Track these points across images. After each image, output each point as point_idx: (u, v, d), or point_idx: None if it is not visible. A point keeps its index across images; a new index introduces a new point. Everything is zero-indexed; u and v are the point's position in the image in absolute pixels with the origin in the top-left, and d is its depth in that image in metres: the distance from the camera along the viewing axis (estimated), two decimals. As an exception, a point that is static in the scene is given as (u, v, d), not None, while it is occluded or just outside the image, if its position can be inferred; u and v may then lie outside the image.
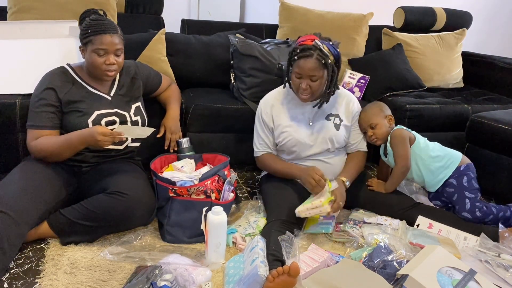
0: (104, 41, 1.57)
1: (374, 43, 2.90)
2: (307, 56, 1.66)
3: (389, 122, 1.91)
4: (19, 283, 1.35)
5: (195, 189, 1.62)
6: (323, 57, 1.66)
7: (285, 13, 2.73)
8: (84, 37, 1.59)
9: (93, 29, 1.58)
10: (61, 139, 1.55)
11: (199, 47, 2.39)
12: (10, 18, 2.16)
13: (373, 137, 1.89)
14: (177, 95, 2.03)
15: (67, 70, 1.67)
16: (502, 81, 2.93)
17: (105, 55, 1.59)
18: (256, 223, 1.76)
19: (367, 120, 1.89)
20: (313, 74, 1.67)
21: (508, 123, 2.09)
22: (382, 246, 1.54)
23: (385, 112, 1.91)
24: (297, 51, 1.68)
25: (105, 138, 1.50)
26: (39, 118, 1.57)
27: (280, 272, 1.29)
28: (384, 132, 1.88)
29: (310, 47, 1.66)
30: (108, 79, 1.67)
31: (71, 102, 1.61)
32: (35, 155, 1.58)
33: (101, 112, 1.64)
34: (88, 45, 1.59)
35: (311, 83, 1.70)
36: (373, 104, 1.96)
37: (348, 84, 2.55)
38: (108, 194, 1.50)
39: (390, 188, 1.87)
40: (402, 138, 1.84)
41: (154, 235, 1.67)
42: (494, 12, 4.06)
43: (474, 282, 1.37)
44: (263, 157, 1.89)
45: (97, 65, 1.60)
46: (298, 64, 1.68)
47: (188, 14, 3.65)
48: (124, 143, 1.72)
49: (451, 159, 1.86)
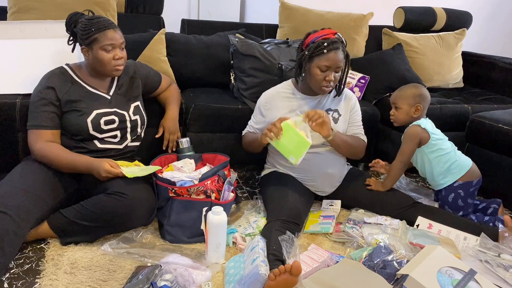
0: (110, 37, 1.59)
1: (374, 43, 2.90)
2: (337, 49, 1.71)
3: (415, 112, 1.85)
4: (19, 283, 1.35)
5: (195, 189, 1.62)
6: (345, 49, 1.74)
7: (285, 13, 2.73)
8: (87, 37, 1.59)
9: (95, 27, 1.58)
10: (67, 158, 1.56)
11: (199, 47, 2.39)
12: (10, 18, 2.16)
13: (393, 117, 1.91)
14: (177, 95, 2.03)
15: (65, 70, 1.68)
16: (502, 81, 2.93)
17: (113, 50, 1.61)
18: (256, 223, 1.76)
19: (395, 98, 1.89)
20: (340, 65, 1.73)
21: (508, 123, 2.09)
22: (382, 246, 1.54)
23: (416, 100, 1.84)
24: (325, 45, 1.70)
25: (109, 176, 1.54)
26: (40, 117, 1.58)
27: (282, 270, 1.29)
28: (405, 118, 1.87)
29: (335, 40, 1.72)
30: (118, 74, 1.68)
31: (70, 101, 1.61)
32: (36, 158, 1.59)
33: (100, 111, 1.64)
34: (93, 44, 1.60)
35: (336, 75, 1.75)
36: (412, 87, 1.90)
37: (348, 84, 2.55)
38: (108, 194, 1.50)
39: (389, 185, 1.87)
40: (412, 136, 1.83)
41: (154, 234, 1.67)
42: (494, 12, 4.06)
43: (474, 282, 1.37)
44: (245, 135, 1.94)
45: (107, 62, 1.61)
46: (328, 57, 1.70)
47: (188, 14, 3.65)
48: (122, 143, 1.72)
49: (454, 170, 1.85)
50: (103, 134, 1.66)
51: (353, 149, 1.86)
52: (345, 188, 1.93)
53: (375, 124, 2.38)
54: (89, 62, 1.66)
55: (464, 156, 1.89)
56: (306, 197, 1.85)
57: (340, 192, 1.94)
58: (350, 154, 1.90)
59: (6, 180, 1.51)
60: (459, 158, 1.86)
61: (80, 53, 1.69)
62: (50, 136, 1.59)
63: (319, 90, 1.78)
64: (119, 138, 1.71)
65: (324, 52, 1.70)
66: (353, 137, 1.88)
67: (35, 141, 1.57)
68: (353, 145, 1.85)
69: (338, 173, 1.92)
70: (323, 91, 1.79)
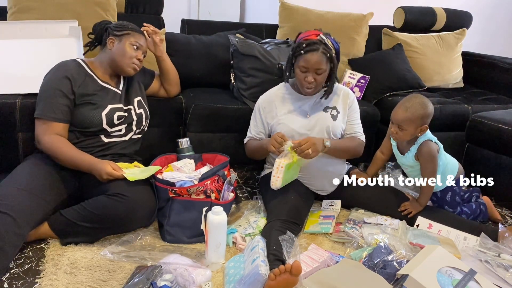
0: (140, 39, 1.75)
1: (374, 43, 2.90)
2: (314, 50, 1.69)
3: (420, 132, 1.75)
4: (19, 283, 1.35)
5: (195, 189, 1.61)
6: (328, 51, 1.70)
7: (285, 13, 2.73)
8: (122, 30, 1.70)
9: (133, 27, 1.74)
10: (72, 155, 1.56)
11: (199, 47, 2.39)
12: (10, 18, 2.16)
13: (396, 136, 1.79)
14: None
15: (79, 62, 1.70)
16: (502, 81, 2.93)
17: (138, 50, 1.72)
18: (256, 223, 1.76)
19: (400, 118, 1.72)
20: (319, 67, 1.70)
21: (508, 123, 2.09)
22: (382, 246, 1.54)
23: (424, 122, 1.72)
24: (303, 46, 1.70)
25: (109, 178, 1.55)
26: (53, 108, 1.57)
27: (282, 270, 1.29)
28: (409, 138, 1.78)
29: (315, 41, 1.70)
30: (131, 73, 1.73)
31: (85, 95, 1.63)
32: (43, 149, 1.58)
33: (114, 106, 1.68)
34: (124, 37, 1.70)
35: (316, 77, 1.73)
36: (419, 107, 1.71)
37: (348, 84, 2.55)
38: (109, 195, 1.50)
39: (424, 203, 1.82)
40: (434, 154, 1.76)
41: (154, 235, 1.67)
42: (494, 12, 4.06)
43: (474, 282, 1.37)
44: (248, 143, 1.93)
45: (129, 56, 1.69)
46: (305, 58, 1.70)
47: (188, 14, 3.65)
48: (127, 134, 1.74)
49: (451, 169, 1.86)
50: (113, 128, 1.68)
51: (351, 152, 1.87)
52: (345, 188, 1.93)
53: (375, 124, 2.38)
54: (110, 53, 1.70)
55: (447, 154, 1.90)
56: (306, 197, 1.85)
57: (340, 192, 1.94)
58: (348, 157, 1.94)
59: (7, 181, 1.51)
60: (449, 158, 1.89)
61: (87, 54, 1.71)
62: (60, 129, 1.59)
63: (302, 90, 1.80)
64: (125, 131, 1.73)
65: (302, 53, 1.71)
66: (349, 141, 1.87)
67: (44, 132, 1.57)
68: (350, 149, 1.86)
69: (337, 171, 1.91)
70: (306, 92, 1.80)
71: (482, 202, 1.97)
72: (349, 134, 1.89)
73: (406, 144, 1.83)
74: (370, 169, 2.00)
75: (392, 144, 1.91)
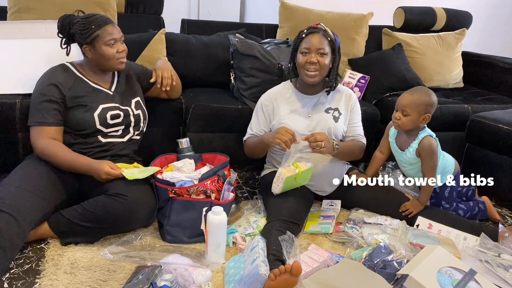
0: (110, 31, 1.63)
1: (374, 43, 2.90)
2: (314, 32, 1.74)
3: (422, 121, 1.76)
4: (19, 283, 1.35)
5: (195, 189, 1.61)
6: (329, 35, 1.74)
7: (285, 13, 2.73)
8: (88, 35, 1.61)
9: (95, 24, 1.61)
10: (68, 157, 1.57)
11: (199, 47, 2.39)
12: (10, 18, 2.16)
13: (398, 122, 1.77)
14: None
15: (68, 66, 1.69)
16: (502, 81, 2.93)
17: (115, 44, 1.65)
18: (256, 223, 1.76)
19: (405, 104, 1.73)
20: (320, 47, 1.72)
21: (508, 123, 2.09)
22: (382, 246, 1.54)
23: (427, 110, 1.73)
24: (304, 31, 1.76)
25: (109, 178, 1.54)
26: (42, 114, 1.58)
27: (282, 270, 1.29)
28: (410, 126, 1.76)
29: (316, 26, 1.76)
30: (122, 67, 1.71)
31: (76, 97, 1.62)
32: (38, 154, 1.59)
33: (105, 106, 1.66)
34: (95, 41, 1.62)
35: (319, 58, 1.73)
36: (425, 94, 1.75)
37: (348, 84, 2.55)
38: (109, 196, 1.50)
39: (425, 202, 1.83)
40: (434, 149, 1.77)
41: (154, 235, 1.67)
42: (494, 12, 4.05)
43: (474, 282, 1.37)
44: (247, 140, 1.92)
45: (111, 56, 1.64)
46: (306, 40, 1.74)
47: (188, 14, 3.65)
48: (125, 136, 1.73)
49: (449, 166, 1.87)
50: (108, 128, 1.67)
51: (353, 155, 1.89)
52: (345, 188, 1.93)
53: (375, 124, 2.37)
54: (92, 60, 1.67)
55: (443, 152, 1.91)
56: (306, 197, 1.85)
57: (340, 192, 1.94)
58: (349, 160, 1.97)
59: (7, 180, 1.51)
60: (446, 156, 1.89)
61: (79, 52, 1.69)
62: (52, 132, 1.59)
63: (304, 76, 1.78)
64: (122, 132, 1.72)
65: (303, 36, 1.75)
66: (353, 144, 1.87)
67: (37, 137, 1.58)
68: (355, 152, 1.88)
69: (337, 172, 1.91)
70: (309, 77, 1.76)
71: (481, 201, 1.99)
72: (350, 136, 1.89)
73: (406, 139, 1.83)
74: (370, 169, 2.00)
75: (391, 142, 1.91)
